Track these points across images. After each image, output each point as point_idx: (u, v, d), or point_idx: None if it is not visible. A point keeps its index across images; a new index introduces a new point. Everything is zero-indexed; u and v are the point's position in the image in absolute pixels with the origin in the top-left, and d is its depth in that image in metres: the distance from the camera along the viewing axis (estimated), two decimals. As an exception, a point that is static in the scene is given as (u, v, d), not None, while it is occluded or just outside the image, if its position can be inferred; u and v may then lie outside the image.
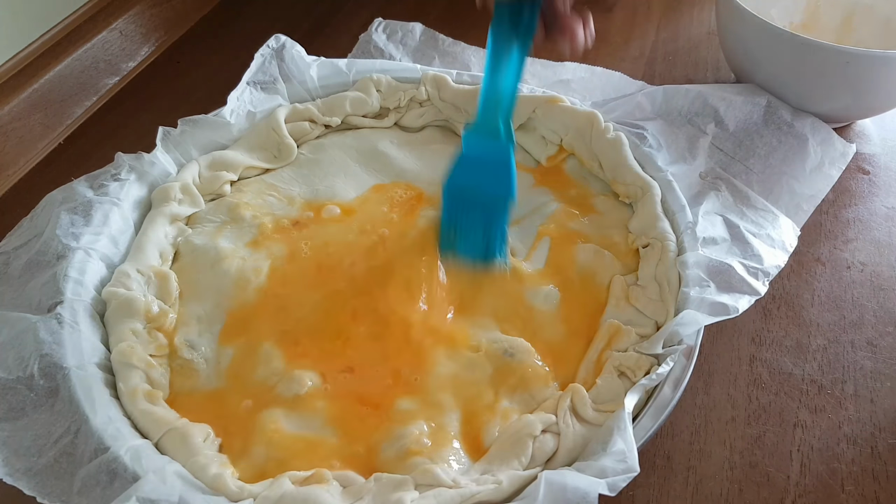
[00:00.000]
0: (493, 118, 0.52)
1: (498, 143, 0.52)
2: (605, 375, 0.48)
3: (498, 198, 0.53)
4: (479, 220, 0.53)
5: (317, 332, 0.51)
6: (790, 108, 0.67)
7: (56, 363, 0.46)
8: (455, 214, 0.54)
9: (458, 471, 0.44)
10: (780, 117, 0.66)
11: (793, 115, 0.66)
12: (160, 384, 0.48)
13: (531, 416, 0.46)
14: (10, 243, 0.55)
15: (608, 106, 0.67)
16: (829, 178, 0.63)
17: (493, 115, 0.52)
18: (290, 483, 0.41)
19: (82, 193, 0.57)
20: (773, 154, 0.64)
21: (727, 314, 0.48)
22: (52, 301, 0.49)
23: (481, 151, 0.53)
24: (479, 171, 0.53)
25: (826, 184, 0.62)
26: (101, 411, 0.43)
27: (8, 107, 0.71)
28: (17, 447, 0.42)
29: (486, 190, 0.53)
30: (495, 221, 0.53)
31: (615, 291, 0.53)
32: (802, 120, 0.66)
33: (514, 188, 0.52)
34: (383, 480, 0.42)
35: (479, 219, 0.53)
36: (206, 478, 0.41)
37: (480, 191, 0.53)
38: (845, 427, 0.50)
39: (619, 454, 0.41)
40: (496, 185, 0.52)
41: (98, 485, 0.40)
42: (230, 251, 0.56)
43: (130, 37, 0.84)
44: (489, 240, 0.54)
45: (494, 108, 0.52)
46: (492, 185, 0.53)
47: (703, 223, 0.56)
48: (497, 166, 0.52)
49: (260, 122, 0.66)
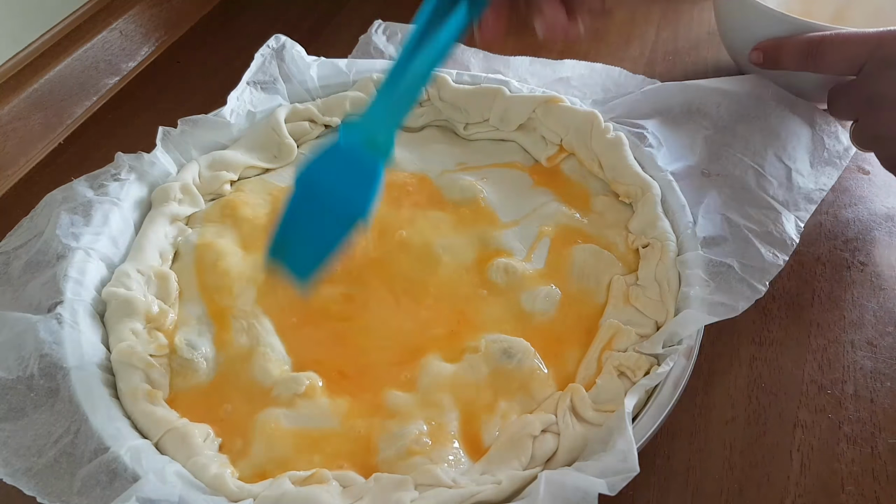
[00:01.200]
0: (381, 117, 0.44)
1: (372, 153, 0.44)
2: (605, 375, 0.48)
3: (349, 213, 0.43)
4: (318, 229, 0.44)
5: (316, 331, 0.51)
6: (792, 98, 0.65)
7: (56, 363, 0.46)
8: (299, 213, 0.44)
9: (457, 471, 0.44)
10: (783, 109, 0.64)
11: (796, 106, 0.64)
12: (160, 384, 0.48)
13: (531, 416, 0.46)
14: (10, 243, 0.55)
15: (608, 105, 0.67)
16: (833, 171, 0.61)
17: (382, 112, 0.44)
18: (290, 483, 0.41)
19: (82, 193, 0.57)
20: (775, 148, 0.62)
21: (727, 314, 0.48)
22: (52, 301, 0.49)
23: (354, 151, 0.43)
24: (343, 171, 0.43)
25: (831, 177, 0.60)
26: (102, 411, 0.43)
27: (8, 107, 0.71)
28: (18, 447, 0.42)
29: (340, 197, 0.43)
30: (333, 239, 0.44)
31: (615, 291, 0.53)
32: (806, 111, 0.64)
33: (370, 207, 0.43)
34: (383, 480, 0.42)
35: (318, 228, 0.44)
36: (206, 478, 0.42)
37: (334, 196, 0.44)
38: (845, 427, 0.50)
39: (619, 454, 0.41)
40: (353, 196, 0.43)
41: (98, 485, 0.40)
42: (230, 251, 0.56)
43: (130, 37, 0.84)
44: (318, 258, 0.45)
45: (388, 105, 0.44)
46: (349, 194, 0.43)
47: (704, 222, 0.55)
48: (362, 175, 0.43)
49: (260, 122, 0.66)
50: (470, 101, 0.68)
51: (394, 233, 0.58)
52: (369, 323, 0.52)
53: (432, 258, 0.56)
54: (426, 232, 0.58)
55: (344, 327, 0.52)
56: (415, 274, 0.55)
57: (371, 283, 0.54)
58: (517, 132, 0.67)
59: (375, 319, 0.52)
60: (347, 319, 0.52)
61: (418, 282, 0.55)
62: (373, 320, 0.52)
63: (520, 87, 0.68)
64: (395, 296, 0.54)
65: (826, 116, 0.64)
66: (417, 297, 0.54)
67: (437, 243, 0.57)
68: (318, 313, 0.53)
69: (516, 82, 0.69)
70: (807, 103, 0.65)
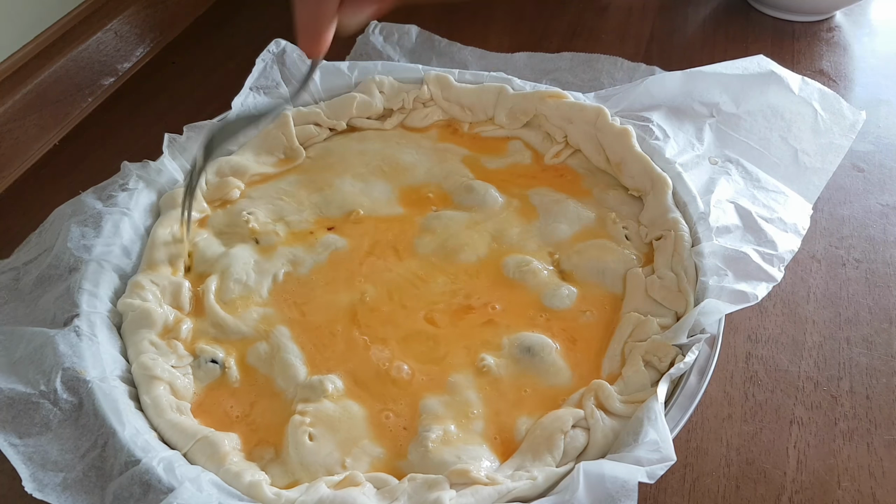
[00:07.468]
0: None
1: None
2: (632, 366, 0.48)
3: None
4: None
5: (338, 336, 0.52)
6: (797, 78, 0.64)
7: (78, 376, 0.45)
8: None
9: (487, 468, 0.44)
10: (786, 91, 0.63)
11: (799, 86, 0.63)
12: (183, 394, 0.48)
13: (561, 411, 0.46)
14: (20, 259, 0.54)
15: (612, 99, 0.67)
16: (839, 149, 0.60)
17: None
18: (326, 487, 0.41)
19: (91, 205, 0.56)
20: (780, 129, 0.62)
21: (747, 301, 0.48)
22: (68, 314, 0.49)
23: None
24: None
25: (837, 155, 0.60)
26: (129, 424, 0.43)
27: (3, 108, 0.70)
28: (44, 462, 0.42)
29: None
30: None
31: (632, 284, 0.54)
32: (809, 90, 0.63)
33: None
34: (418, 480, 0.42)
35: None
36: (241, 486, 0.42)
37: None
38: (841, 423, 0.51)
39: (651, 444, 0.41)
40: None
41: (131, 497, 0.40)
42: (241, 256, 0.56)
43: (125, 37, 0.84)
44: None
45: None
46: None
47: (716, 212, 0.55)
48: None
49: (266, 127, 0.65)
50: (473, 99, 0.68)
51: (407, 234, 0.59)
52: (394, 325, 0.53)
53: (452, 254, 0.57)
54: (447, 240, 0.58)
55: (367, 330, 0.52)
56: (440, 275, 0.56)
57: (395, 287, 0.55)
58: (522, 129, 0.68)
59: (400, 322, 0.53)
60: (371, 322, 0.53)
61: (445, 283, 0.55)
62: (397, 323, 0.53)
63: (522, 85, 0.69)
64: (419, 298, 0.54)
65: (828, 93, 0.63)
66: (443, 298, 0.54)
67: (457, 241, 0.58)
68: (339, 317, 0.53)
69: (518, 80, 0.69)
70: (810, 82, 0.64)
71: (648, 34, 0.89)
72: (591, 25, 0.90)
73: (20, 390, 0.45)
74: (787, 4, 0.90)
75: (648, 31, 0.90)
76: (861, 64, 0.86)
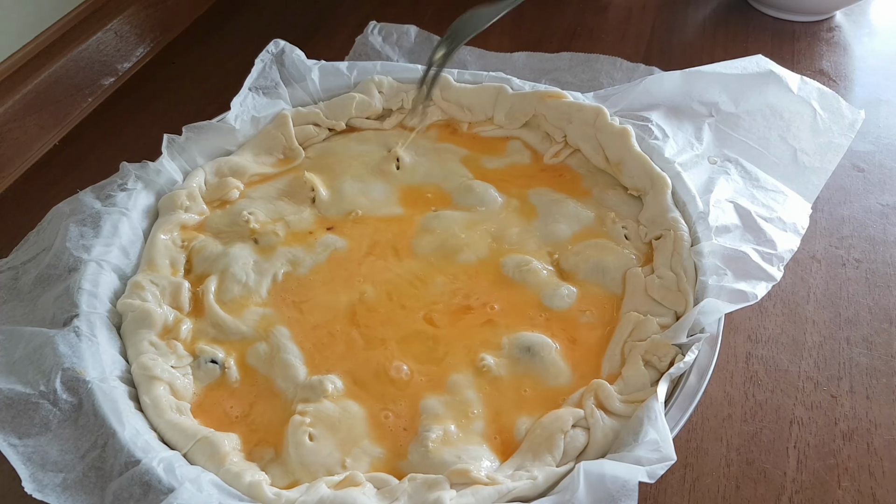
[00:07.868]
0: None
1: None
2: (631, 365, 0.48)
3: None
4: None
5: (338, 336, 0.52)
6: (796, 78, 0.64)
7: (77, 377, 0.45)
8: None
9: (487, 468, 0.44)
10: (785, 90, 0.63)
11: (798, 85, 0.63)
12: (183, 395, 0.48)
13: (561, 410, 0.46)
14: (18, 258, 0.54)
15: (612, 99, 0.67)
16: (838, 148, 0.60)
17: None
18: (326, 487, 0.41)
19: (90, 205, 0.56)
20: (779, 129, 0.62)
21: (746, 301, 0.48)
22: (67, 315, 0.49)
23: None
24: None
25: (836, 155, 0.60)
26: (129, 424, 0.43)
27: (3, 108, 0.70)
28: (44, 462, 0.42)
29: None
30: None
31: (632, 283, 0.54)
32: (808, 89, 0.63)
33: None
34: (418, 481, 0.42)
35: None
36: (241, 486, 0.42)
37: None
38: (841, 423, 0.51)
39: (652, 444, 0.41)
40: None
41: (131, 497, 0.40)
42: (241, 257, 0.56)
43: (125, 37, 0.84)
44: None
45: None
46: None
47: (715, 212, 0.55)
48: None
49: (265, 127, 0.65)
50: (473, 99, 0.68)
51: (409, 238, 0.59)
52: (393, 325, 0.52)
53: (452, 254, 0.57)
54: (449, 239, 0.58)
55: (366, 330, 0.52)
56: (440, 278, 0.56)
57: (394, 288, 0.55)
58: (522, 129, 0.68)
59: (399, 322, 0.53)
60: (370, 322, 0.53)
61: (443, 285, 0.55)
62: (397, 323, 0.53)
63: (521, 85, 0.69)
64: (419, 300, 0.54)
65: (827, 92, 0.63)
66: (443, 299, 0.54)
67: (456, 241, 0.58)
68: (339, 318, 0.53)
69: (517, 80, 0.69)
70: (808, 81, 0.64)
71: (648, 34, 0.89)
72: (591, 25, 0.90)
73: (20, 390, 0.45)
74: (787, 4, 0.90)
75: (648, 31, 0.90)
76: (861, 64, 0.86)
